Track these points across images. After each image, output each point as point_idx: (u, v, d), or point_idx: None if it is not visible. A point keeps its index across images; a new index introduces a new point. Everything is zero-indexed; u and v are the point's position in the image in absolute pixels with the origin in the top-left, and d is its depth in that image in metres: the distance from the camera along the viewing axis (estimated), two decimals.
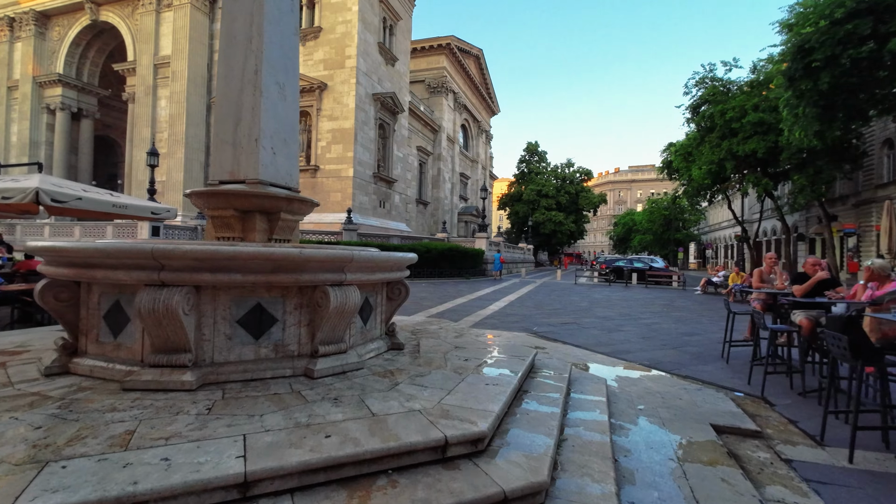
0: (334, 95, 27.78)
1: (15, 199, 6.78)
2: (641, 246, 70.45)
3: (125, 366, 2.93)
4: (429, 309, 10.95)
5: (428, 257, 20.49)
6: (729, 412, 4.04)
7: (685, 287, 21.18)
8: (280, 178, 4.13)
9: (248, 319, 3.06)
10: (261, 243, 3.31)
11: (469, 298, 13.75)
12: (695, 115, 30.11)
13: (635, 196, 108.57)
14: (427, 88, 44.49)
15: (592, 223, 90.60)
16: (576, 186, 55.73)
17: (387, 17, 30.52)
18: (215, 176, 4.05)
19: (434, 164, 44.40)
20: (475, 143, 57.08)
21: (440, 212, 44.53)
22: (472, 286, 18.67)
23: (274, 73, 4.05)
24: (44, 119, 35.81)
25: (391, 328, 4.23)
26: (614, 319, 10.34)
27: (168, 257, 2.67)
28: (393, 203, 33.14)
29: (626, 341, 7.75)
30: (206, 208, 3.88)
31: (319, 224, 27.12)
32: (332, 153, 28.02)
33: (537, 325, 9.21)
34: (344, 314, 3.22)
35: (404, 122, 34.27)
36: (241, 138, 3.94)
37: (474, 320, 9.44)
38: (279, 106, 4.11)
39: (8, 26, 35.79)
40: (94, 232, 19.08)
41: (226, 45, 4.06)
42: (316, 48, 28.16)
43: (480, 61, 53.76)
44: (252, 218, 3.88)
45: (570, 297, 15.42)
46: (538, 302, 13.68)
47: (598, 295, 16.70)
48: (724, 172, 27.64)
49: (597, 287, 21.09)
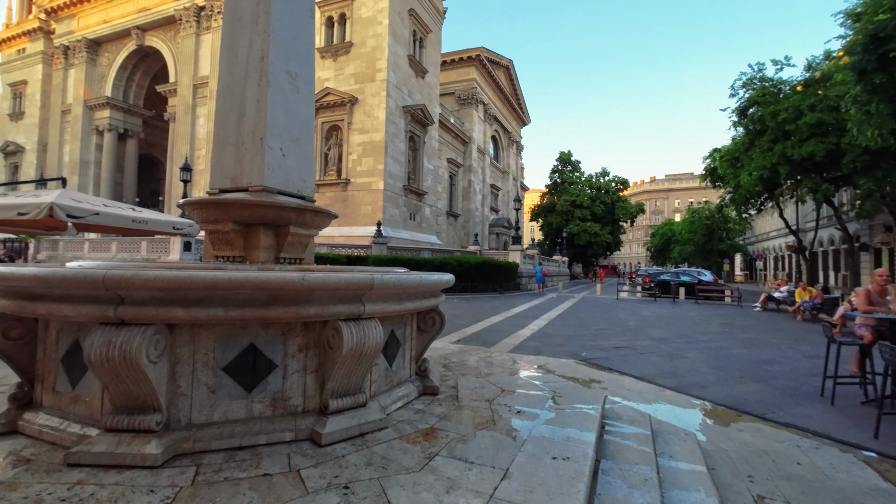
0: (365, 108, 27.71)
1: (30, 214, 6.48)
2: (682, 257, 67.34)
3: (80, 426, 2.26)
4: (463, 329, 10.11)
5: (460, 271, 19.68)
6: (875, 487, 3.00)
7: (741, 303, 19.42)
8: (290, 185, 3.45)
9: (239, 365, 2.34)
10: (256, 266, 2.59)
11: (505, 316, 12.81)
12: (742, 117, 28.31)
13: (673, 205, 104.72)
14: (457, 100, 44.18)
15: (628, 234, 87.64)
16: (611, 196, 53.83)
17: (416, 30, 30.41)
18: (215, 183, 3.41)
19: (464, 176, 43.83)
20: (506, 154, 56.27)
21: (471, 224, 43.78)
22: (507, 302, 17.70)
23: (284, 59, 3.40)
24: (93, 140, 37.62)
25: (423, 366, 3.44)
26: (672, 342, 9.17)
27: (125, 286, 1.99)
28: (423, 215, 32.64)
29: (695, 371, 6.66)
30: (203, 222, 3.23)
31: (350, 237, 26.87)
32: (363, 166, 27.85)
33: (585, 348, 8.20)
34: (362, 357, 2.45)
35: (434, 134, 33.91)
36: (244, 137, 3.30)
37: (513, 343, 8.52)
38: (290, 99, 3.45)
39: (63, 54, 38.04)
40: (130, 247, 19.39)
41: (229, 28, 3.45)
42: (347, 63, 28.28)
43: (510, 72, 53.20)
44: (255, 232, 3.21)
45: (616, 315, 14.21)
46: (581, 320, 12.59)
47: (646, 312, 15.38)
48: (776, 178, 25.70)
49: (642, 303, 19.64)
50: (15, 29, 41.01)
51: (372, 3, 27.41)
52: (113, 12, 35.48)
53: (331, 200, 28.14)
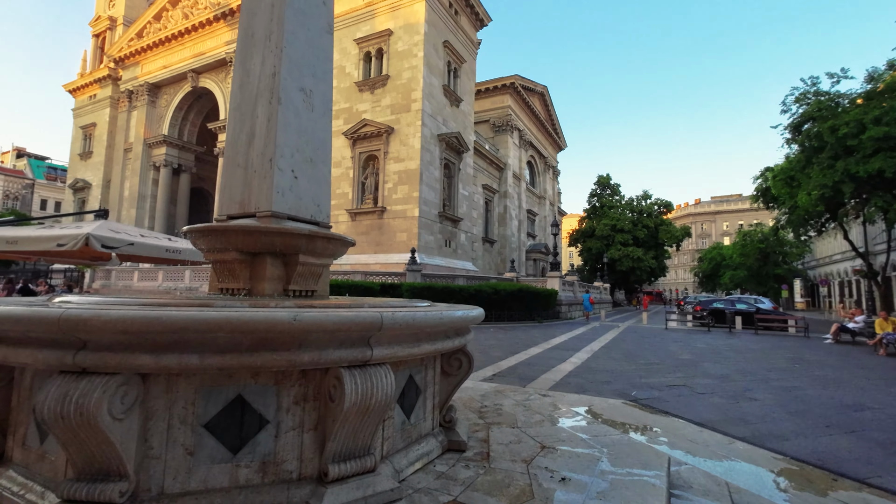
0: (400, 138, 28.16)
1: (68, 245, 6.59)
2: (733, 283, 63.45)
3: (42, 489, 1.92)
4: (498, 362, 9.48)
5: (496, 299, 19.04)
6: None
7: (808, 334, 17.60)
8: (303, 209, 3.15)
9: (223, 421, 1.96)
10: (240, 303, 2.23)
11: (544, 348, 12.04)
12: (797, 134, 26.68)
13: (720, 228, 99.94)
14: (492, 127, 44.43)
15: (673, 259, 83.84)
16: (654, 220, 51.76)
17: (451, 60, 30.98)
18: (223, 209, 3.16)
19: (500, 202, 43.52)
20: (542, 180, 55.70)
21: (507, 250, 43.09)
22: (546, 331, 16.84)
23: (298, 75, 3.16)
24: (150, 175, 40.26)
25: (448, 416, 2.95)
26: (735, 380, 8.17)
27: (83, 328, 1.67)
28: (459, 242, 32.37)
29: (767, 417, 5.76)
30: (207, 251, 2.96)
31: (386, 265, 26.88)
32: (399, 194, 28.09)
33: (635, 386, 7.40)
34: (369, 412, 2.02)
35: (469, 161, 33.97)
36: (253, 159, 3.04)
37: (554, 379, 7.83)
38: (304, 117, 3.20)
39: (127, 98, 41.43)
40: (175, 276, 20.12)
41: (242, 45, 3.26)
42: (384, 94, 29.04)
43: (545, 98, 53.23)
44: (261, 262, 2.90)
45: (667, 347, 13.10)
46: (628, 352, 11.64)
47: (700, 344, 14.13)
48: (840, 197, 23.75)
49: (694, 333, 18.20)
50: (88, 77, 45.22)
51: (407, 37, 28.22)
52: (172, 58, 38.45)
53: (367, 228, 28.44)
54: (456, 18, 31.28)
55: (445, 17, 29.93)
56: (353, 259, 28.57)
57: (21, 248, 6.95)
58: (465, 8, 32.20)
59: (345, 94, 29.77)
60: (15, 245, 6.96)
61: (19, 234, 7.00)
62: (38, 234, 6.87)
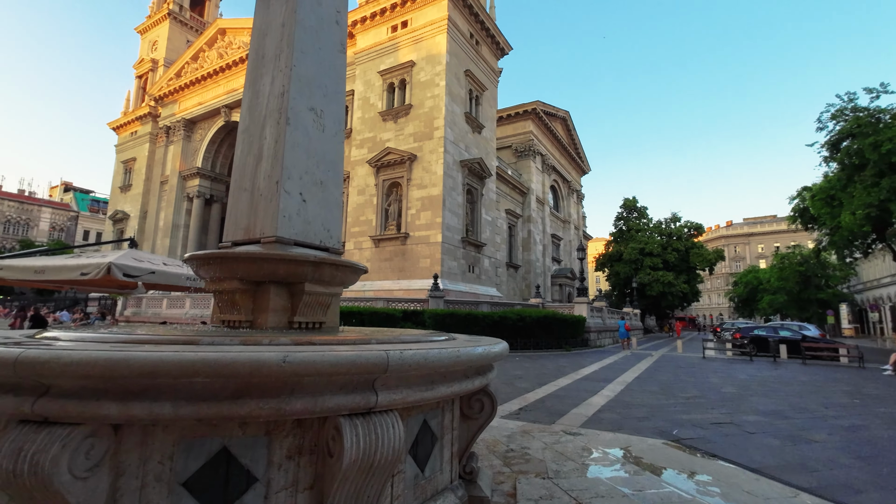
0: (423, 165, 28.42)
1: (90, 274, 6.62)
2: (773, 308, 60.47)
3: None
4: (525, 394, 8.96)
5: (521, 326, 18.45)
6: None
7: (863, 364, 16.23)
8: (311, 234, 2.94)
9: (205, 479, 1.68)
10: (230, 339, 1.98)
11: (574, 379, 11.41)
12: (835, 152, 25.63)
13: (755, 251, 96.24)
14: (514, 153, 44.56)
15: (706, 283, 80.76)
16: (685, 243, 50.13)
17: (473, 88, 31.42)
18: (228, 235, 2.99)
19: (524, 227, 43.13)
20: (566, 204, 55.13)
21: (532, 275, 42.37)
22: (574, 360, 16.10)
23: (307, 95, 3.02)
24: (184, 205, 41.89)
25: (469, 466, 2.60)
26: (789, 417, 7.42)
27: (44, 372, 1.45)
28: (482, 267, 31.98)
29: (833, 462, 5.09)
30: (209, 280, 2.77)
31: (409, 291, 26.69)
32: (422, 220, 28.13)
33: (676, 424, 6.77)
34: (373, 469, 1.71)
35: (492, 186, 33.92)
36: (259, 182, 2.88)
37: (586, 414, 7.27)
38: (314, 137, 3.03)
39: (165, 134, 43.68)
40: (202, 303, 20.41)
41: (253, 66, 3.16)
42: (406, 123, 29.55)
43: (567, 122, 53.27)
44: (265, 292, 2.68)
45: (707, 378, 12.23)
46: (665, 384, 10.88)
47: (743, 375, 13.16)
48: (887, 217, 22.42)
49: (735, 363, 17.06)
50: (130, 115, 48.05)
51: (430, 67, 28.84)
52: (206, 95, 40.48)
53: (391, 254, 28.47)
54: (477, 48, 31.89)
55: (466, 47, 30.55)
56: (376, 285, 28.51)
57: (48, 277, 7.04)
58: (485, 38, 32.86)
59: (369, 124, 30.47)
60: (42, 274, 7.06)
61: (46, 263, 7.11)
62: (64, 263, 6.95)
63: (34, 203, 66.44)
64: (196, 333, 2.11)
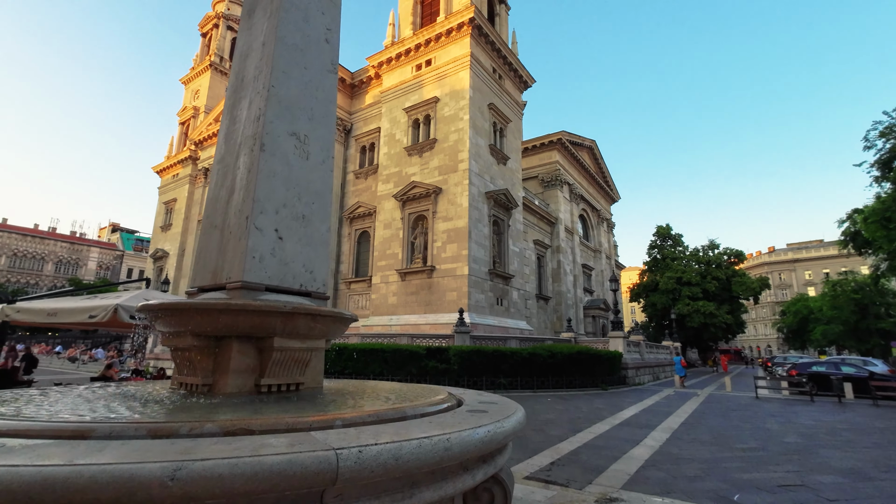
0: (448, 197, 28.33)
1: (98, 316, 6.44)
2: (827, 339, 56.07)
3: None
4: (558, 444, 8.08)
5: (552, 363, 17.40)
6: None
7: None
8: (288, 277, 2.50)
9: None
10: (123, 430, 1.49)
11: (612, 424, 10.36)
12: (887, 171, 24.01)
13: (802, 278, 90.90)
14: (541, 183, 44.19)
15: (750, 313, 76.22)
16: (725, 271, 47.61)
17: (496, 121, 31.54)
18: (196, 279, 2.59)
19: (553, 257, 42.11)
20: (596, 233, 53.83)
21: (563, 307, 40.95)
22: (611, 401, 14.89)
23: (289, 118, 2.65)
24: None
25: None
26: (875, 478, 6.27)
27: None
28: (511, 300, 31.06)
29: None
30: (164, 335, 2.35)
31: (436, 325, 26.08)
32: (448, 252, 27.77)
33: (736, 485, 5.80)
34: None
35: (519, 217, 33.41)
36: (230, 218, 2.49)
37: (627, 472, 6.37)
38: (295, 166, 2.64)
39: (203, 175, 45.79)
40: None
41: (232, 91, 2.85)
42: (431, 157, 29.75)
43: (594, 151, 52.76)
44: (226, 349, 2.22)
45: (764, 424, 10.90)
46: (717, 433, 9.69)
47: (806, 420, 11.70)
48: None
49: (794, 405, 15.37)
50: (173, 159, 50.89)
51: (453, 103, 29.20)
52: None
53: (417, 288, 28.11)
54: (500, 82, 32.22)
55: (490, 81, 30.89)
56: (402, 320, 28.02)
57: (60, 319, 6.92)
58: (508, 72, 33.22)
59: (395, 160, 30.89)
60: (55, 317, 6.95)
61: (59, 306, 7.02)
62: (75, 305, 6.82)
63: (83, 243, 70.47)
64: (97, 421, 1.63)
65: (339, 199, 34.83)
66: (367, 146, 35.23)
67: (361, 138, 35.47)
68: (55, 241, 67.45)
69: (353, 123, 36.42)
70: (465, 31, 28.92)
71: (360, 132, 35.72)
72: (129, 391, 2.42)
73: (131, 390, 2.45)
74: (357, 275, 33.35)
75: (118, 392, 2.38)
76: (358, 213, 33.58)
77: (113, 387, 2.80)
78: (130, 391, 2.41)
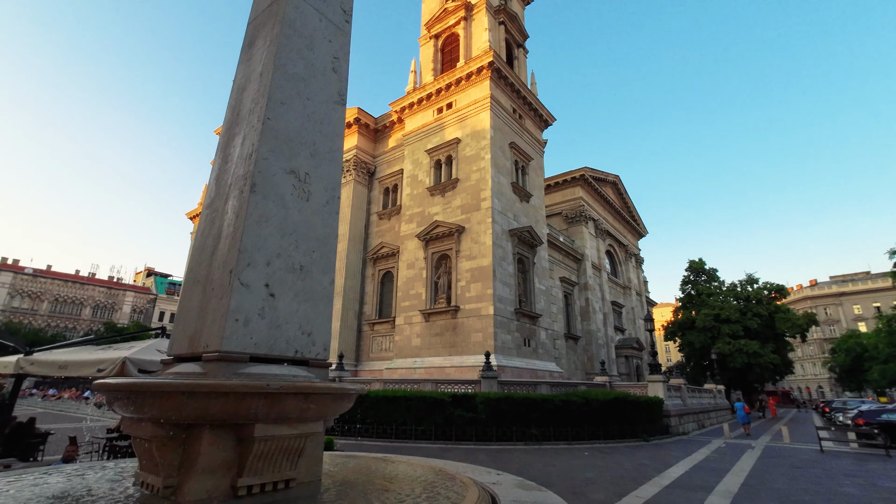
0: (472, 236, 28.04)
1: (106, 370, 6.14)
2: (887, 380, 51.61)
3: None
4: None
5: (587, 411, 16.18)
6: None
7: None
8: (281, 343, 2.05)
9: None
10: None
11: (661, 486, 9.21)
12: None
13: (850, 312, 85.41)
14: (565, 220, 43.61)
15: (796, 351, 71.35)
16: (766, 307, 44.97)
17: (518, 159, 31.60)
18: (173, 345, 2.18)
19: (581, 295, 40.79)
20: (624, 269, 52.25)
21: (594, 346, 39.18)
22: (656, 455, 13.54)
23: (285, 154, 2.29)
24: None
25: None
26: None
27: None
28: (539, 340, 29.85)
29: None
30: (123, 418, 1.90)
31: (461, 368, 25.13)
32: (472, 292, 27.15)
33: None
34: None
35: (544, 255, 32.71)
36: (214, 271, 2.08)
37: None
38: (292, 208, 2.25)
39: None
40: None
41: (227, 127, 2.53)
42: (454, 196, 29.80)
43: (618, 186, 52.15)
44: (196, 440, 1.75)
45: (840, 488, 9.51)
46: (785, 498, 8.45)
47: (890, 482, 10.21)
48: None
49: (867, 460, 13.62)
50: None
51: (475, 143, 29.48)
52: None
53: (441, 329, 27.41)
54: (520, 122, 32.51)
55: (510, 121, 31.20)
56: (426, 362, 27.17)
57: (70, 372, 6.68)
58: (528, 112, 33.57)
59: (417, 200, 31.06)
60: (65, 370, 6.71)
61: (70, 358, 6.79)
62: (86, 357, 6.57)
63: (119, 288, 73.01)
64: None
65: (363, 241, 35.02)
66: (390, 188, 35.72)
67: (385, 180, 36.04)
68: (93, 286, 70.11)
69: (377, 166, 37.17)
70: (485, 75, 29.55)
71: (383, 174, 36.36)
72: (74, 491, 1.95)
73: (77, 490, 1.99)
74: (381, 316, 32.92)
75: (59, 493, 1.92)
76: (381, 254, 33.58)
77: (62, 481, 2.35)
78: (76, 491, 1.94)
